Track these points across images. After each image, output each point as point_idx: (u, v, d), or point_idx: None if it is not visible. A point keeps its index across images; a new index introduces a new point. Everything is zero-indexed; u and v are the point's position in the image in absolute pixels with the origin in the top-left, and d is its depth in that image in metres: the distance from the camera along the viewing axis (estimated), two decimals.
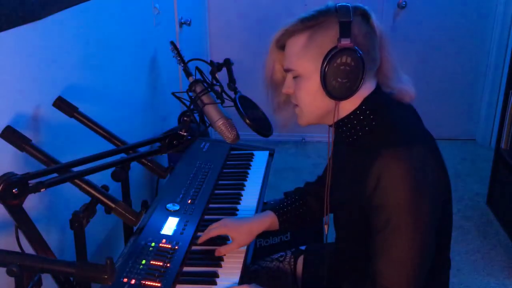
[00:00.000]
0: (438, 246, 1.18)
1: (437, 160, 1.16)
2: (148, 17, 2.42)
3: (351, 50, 1.10)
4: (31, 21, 1.35)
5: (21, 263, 0.95)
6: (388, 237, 1.10)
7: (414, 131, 1.18)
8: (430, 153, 1.14)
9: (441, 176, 1.16)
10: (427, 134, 1.22)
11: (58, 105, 1.46)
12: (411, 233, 1.09)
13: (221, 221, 1.44)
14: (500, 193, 2.88)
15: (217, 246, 1.39)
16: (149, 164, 1.60)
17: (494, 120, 3.69)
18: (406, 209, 1.08)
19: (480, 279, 2.44)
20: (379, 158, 1.09)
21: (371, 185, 1.10)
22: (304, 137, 3.96)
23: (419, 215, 1.09)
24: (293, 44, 1.18)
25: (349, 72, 1.11)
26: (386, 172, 1.08)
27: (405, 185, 1.07)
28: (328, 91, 1.13)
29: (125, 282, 1.17)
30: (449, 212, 1.26)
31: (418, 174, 1.08)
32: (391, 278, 1.12)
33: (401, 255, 1.11)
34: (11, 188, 1.05)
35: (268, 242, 2.16)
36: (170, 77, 2.77)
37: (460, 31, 3.68)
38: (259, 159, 1.95)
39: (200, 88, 1.51)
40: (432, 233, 1.12)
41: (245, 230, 1.41)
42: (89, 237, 1.38)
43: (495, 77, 3.67)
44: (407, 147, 1.10)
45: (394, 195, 1.08)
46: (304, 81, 1.18)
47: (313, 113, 1.21)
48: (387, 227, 1.10)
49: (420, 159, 1.10)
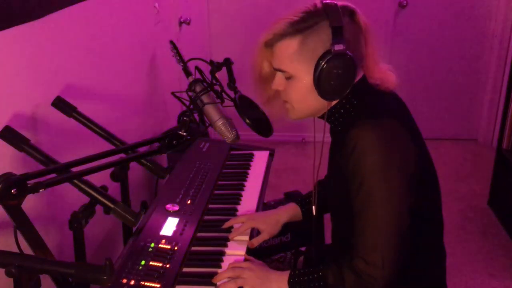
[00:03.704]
0: (428, 234, 1.22)
1: (413, 139, 1.19)
2: (148, 16, 2.41)
3: (343, 54, 1.14)
4: (30, 20, 1.34)
5: (19, 264, 0.95)
6: (363, 202, 1.15)
7: (391, 110, 1.24)
8: (404, 129, 1.18)
9: (416, 154, 1.19)
10: (406, 115, 1.27)
11: (57, 105, 1.45)
12: (383, 198, 1.13)
13: (247, 215, 1.50)
14: (501, 193, 2.87)
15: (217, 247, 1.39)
16: (149, 164, 1.60)
17: (496, 120, 3.68)
18: (377, 173, 1.13)
19: (482, 279, 2.43)
20: (353, 129, 1.15)
21: (347, 153, 1.16)
22: (304, 137, 3.95)
23: (390, 181, 1.13)
24: (284, 47, 1.21)
25: (341, 75, 1.16)
26: (360, 139, 1.14)
27: (375, 150, 1.12)
28: (321, 93, 1.19)
29: (124, 283, 1.17)
30: (434, 197, 1.30)
31: (389, 143, 1.14)
32: (367, 249, 1.15)
33: (375, 221, 1.15)
34: (9, 188, 1.05)
35: (268, 243, 2.15)
36: (170, 76, 2.76)
37: (461, 30, 3.68)
38: (259, 159, 1.95)
39: (199, 87, 1.51)
40: (405, 205, 1.15)
41: (273, 221, 1.49)
42: (88, 237, 1.37)
43: (496, 77, 3.66)
44: (380, 119, 1.17)
45: (366, 159, 1.13)
46: (295, 81, 1.23)
47: (303, 111, 1.27)
48: (360, 190, 1.15)
49: (392, 130, 1.15)
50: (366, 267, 1.15)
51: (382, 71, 1.27)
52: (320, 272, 1.20)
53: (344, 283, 1.17)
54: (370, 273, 1.14)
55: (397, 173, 1.14)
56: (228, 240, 1.42)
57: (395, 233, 1.15)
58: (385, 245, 1.15)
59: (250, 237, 1.46)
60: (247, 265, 1.28)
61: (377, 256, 1.14)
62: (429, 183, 1.28)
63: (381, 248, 1.14)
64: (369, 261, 1.15)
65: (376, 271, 1.14)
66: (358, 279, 1.16)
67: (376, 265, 1.14)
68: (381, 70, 1.27)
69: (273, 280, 1.25)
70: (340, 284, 1.17)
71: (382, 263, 1.14)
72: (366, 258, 1.15)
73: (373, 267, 1.14)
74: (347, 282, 1.17)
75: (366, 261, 1.15)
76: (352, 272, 1.16)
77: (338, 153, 1.23)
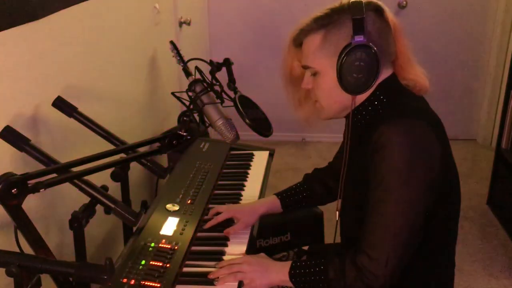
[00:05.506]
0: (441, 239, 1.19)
1: (441, 143, 1.17)
2: (148, 16, 2.42)
3: (365, 46, 1.13)
4: (31, 21, 1.34)
5: (20, 263, 0.95)
6: (379, 198, 1.14)
7: (422, 111, 1.22)
8: (434, 133, 1.16)
9: (441, 158, 1.17)
10: (436, 120, 1.25)
11: (58, 105, 1.46)
12: (399, 198, 1.12)
13: (224, 206, 1.53)
14: (500, 193, 2.88)
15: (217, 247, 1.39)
16: (149, 164, 1.60)
17: (495, 120, 3.69)
18: (399, 173, 1.11)
19: (481, 279, 2.43)
20: (381, 127, 1.13)
21: (373, 149, 1.14)
22: (304, 137, 3.95)
23: (410, 183, 1.12)
24: (309, 42, 1.22)
25: (364, 68, 1.15)
26: (388, 137, 1.12)
27: (401, 150, 1.11)
28: (344, 86, 1.18)
29: (125, 282, 1.17)
30: (453, 206, 1.28)
31: (416, 145, 1.12)
32: (373, 245, 1.15)
33: (387, 219, 1.13)
34: (10, 188, 1.05)
35: (268, 243, 2.16)
36: (170, 76, 2.77)
37: (460, 30, 3.68)
38: (259, 159, 1.95)
39: (199, 88, 1.51)
40: (420, 208, 1.14)
41: (248, 210, 1.52)
42: (89, 237, 1.38)
43: (495, 77, 3.67)
44: (410, 119, 1.15)
45: (391, 158, 1.12)
46: (321, 77, 1.23)
47: (332, 108, 1.26)
48: (379, 187, 1.14)
49: (420, 133, 1.14)
50: (369, 263, 1.14)
51: (417, 74, 1.26)
52: (322, 266, 1.20)
53: (345, 277, 1.17)
54: (372, 270, 1.14)
55: (419, 176, 1.12)
56: (228, 239, 1.43)
57: (403, 234, 1.14)
58: (392, 244, 1.14)
59: (250, 236, 1.47)
60: (244, 260, 1.29)
61: (382, 254, 1.13)
62: (451, 191, 1.25)
63: (388, 246, 1.14)
64: (373, 257, 1.14)
65: (379, 269, 1.13)
66: (359, 274, 1.15)
67: (380, 263, 1.13)
68: (416, 73, 1.26)
69: (274, 271, 1.26)
70: (340, 278, 1.17)
71: (386, 261, 1.13)
72: (370, 254, 1.14)
73: (376, 264, 1.13)
74: (348, 277, 1.16)
75: (370, 257, 1.14)
76: (354, 267, 1.16)
77: (362, 147, 1.21)
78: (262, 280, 1.25)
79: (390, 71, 1.24)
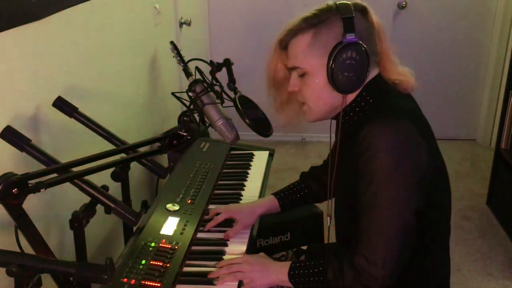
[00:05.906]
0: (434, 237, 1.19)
1: (426, 140, 1.17)
2: (148, 17, 2.42)
3: (356, 45, 1.14)
4: (31, 21, 1.35)
5: (20, 263, 0.95)
6: (369, 200, 1.14)
7: (407, 111, 1.22)
8: (419, 132, 1.16)
9: (427, 157, 1.17)
10: (421, 118, 1.25)
11: (58, 105, 1.46)
12: (389, 199, 1.12)
13: (223, 207, 1.53)
14: (500, 193, 2.88)
15: (217, 247, 1.40)
16: (149, 164, 1.60)
17: (494, 120, 3.69)
18: (386, 174, 1.12)
19: (480, 279, 2.43)
20: (368, 127, 1.13)
21: (360, 150, 1.14)
22: (304, 137, 3.96)
23: (398, 183, 1.12)
24: (298, 42, 1.22)
25: (355, 66, 1.15)
26: (373, 138, 1.12)
27: (387, 151, 1.11)
28: (335, 86, 1.17)
29: (125, 282, 1.17)
30: (444, 203, 1.28)
31: (402, 144, 1.13)
32: (369, 247, 1.15)
33: (380, 221, 1.14)
34: (10, 188, 1.05)
35: (268, 243, 2.16)
36: (170, 77, 2.77)
37: (460, 31, 3.69)
38: (259, 159, 1.95)
39: (200, 88, 1.51)
40: (411, 208, 1.14)
41: (247, 211, 1.52)
42: (89, 237, 1.38)
43: (495, 77, 3.67)
44: (396, 119, 1.15)
45: (377, 159, 1.12)
46: (310, 77, 1.22)
47: (321, 108, 1.26)
48: (368, 189, 1.14)
49: (406, 133, 1.14)
50: (366, 265, 1.15)
51: (401, 73, 1.27)
52: (321, 267, 1.21)
53: (344, 278, 1.17)
54: (370, 272, 1.14)
55: (406, 176, 1.13)
56: (228, 239, 1.43)
57: (398, 235, 1.14)
58: (387, 245, 1.14)
59: (250, 236, 1.47)
60: (243, 259, 1.29)
61: (379, 256, 1.14)
62: (440, 188, 1.26)
63: (383, 248, 1.14)
64: (370, 260, 1.14)
65: (376, 270, 1.14)
66: (357, 276, 1.16)
67: (377, 265, 1.14)
68: (400, 72, 1.27)
69: (273, 271, 1.26)
70: (339, 279, 1.18)
71: (383, 263, 1.13)
72: (367, 256, 1.15)
73: (373, 266, 1.14)
74: (346, 278, 1.17)
75: (367, 259, 1.14)
76: (352, 268, 1.16)
77: (351, 147, 1.21)
78: (261, 280, 1.25)
79: (376, 71, 1.24)
